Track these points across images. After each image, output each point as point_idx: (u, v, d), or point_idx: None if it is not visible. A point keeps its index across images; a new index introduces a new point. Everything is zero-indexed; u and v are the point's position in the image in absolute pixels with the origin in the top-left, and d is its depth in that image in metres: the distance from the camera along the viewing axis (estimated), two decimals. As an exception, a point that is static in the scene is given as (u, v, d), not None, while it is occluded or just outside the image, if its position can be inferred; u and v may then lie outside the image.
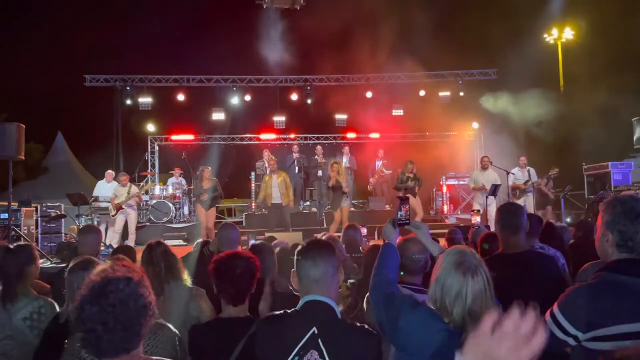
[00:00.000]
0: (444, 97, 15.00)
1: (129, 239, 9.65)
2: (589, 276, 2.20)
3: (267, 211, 10.76)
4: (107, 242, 9.05)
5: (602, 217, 1.98)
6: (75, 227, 9.78)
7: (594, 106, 14.07)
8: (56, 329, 2.52)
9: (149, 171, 14.39)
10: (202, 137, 15.63)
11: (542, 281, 2.65)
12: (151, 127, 15.56)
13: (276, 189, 9.94)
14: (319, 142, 15.49)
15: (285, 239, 4.76)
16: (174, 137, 15.61)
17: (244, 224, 11.85)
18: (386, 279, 2.08)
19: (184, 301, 2.90)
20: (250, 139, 16.10)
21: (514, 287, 2.55)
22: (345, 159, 13.16)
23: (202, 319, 2.82)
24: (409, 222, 2.40)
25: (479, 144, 15.57)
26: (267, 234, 6.73)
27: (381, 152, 13.44)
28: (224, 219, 14.18)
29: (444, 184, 13.77)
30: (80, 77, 14.73)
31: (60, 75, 19.31)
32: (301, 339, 1.85)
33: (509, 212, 2.90)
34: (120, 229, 9.61)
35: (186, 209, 12.69)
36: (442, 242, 4.50)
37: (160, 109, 14.97)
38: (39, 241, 9.26)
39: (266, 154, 13.06)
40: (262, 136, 15.77)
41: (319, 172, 12.32)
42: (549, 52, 18.52)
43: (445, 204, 13.60)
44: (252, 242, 4.55)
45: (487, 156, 10.61)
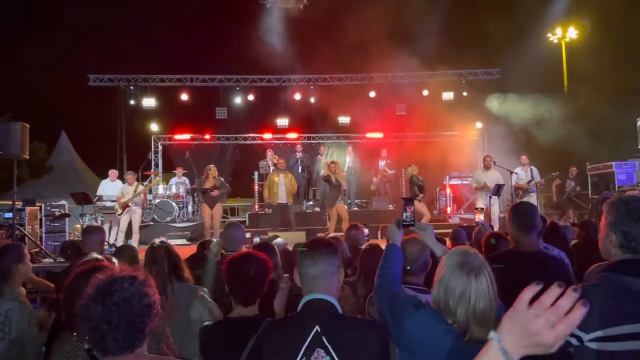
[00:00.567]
0: (448, 98, 14.98)
1: (133, 238, 9.63)
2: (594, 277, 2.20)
3: (270, 210, 10.77)
4: (110, 241, 9.08)
5: (606, 217, 1.97)
6: (79, 227, 9.81)
7: (598, 106, 14.04)
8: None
9: (152, 170, 14.41)
10: (206, 136, 15.66)
11: (552, 281, 2.65)
12: (155, 127, 15.62)
13: (283, 187, 9.96)
14: (322, 141, 15.50)
15: (287, 238, 4.77)
16: (177, 136, 15.65)
17: (247, 224, 11.86)
18: (390, 279, 2.08)
19: (187, 300, 2.91)
20: (253, 138, 16.12)
21: (524, 286, 2.57)
22: (348, 159, 13.16)
23: (206, 318, 2.82)
24: (414, 223, 2.40)
25: (482, 143, 15.54)
26: (271, 233, 6.75)
27: (384, 151, 13.43)
28: (227, 218, 14.20)
29: (447, 184, 13.74)
30: (84, 76, 14.80)
31: (64, 74, 19.42)
32: (305, 339, 1.85)
33: (523, 212, 2.88)
34: (124, 228, 9.59)
35: (190, 208, 12.71)
36: (448, 243, 4.48)
37: (163, 109, 15.02)
38: (43, 240, 9.27)
39: (269, 153, 13.07)
40: (266, 136, 15.79)
41: (322, 172, 12.32)
42: (553, 51, 18.49)
43: (448, 204, 13.58)
44: (256, 239, 4.59)
45: (489, 156, 10.59)
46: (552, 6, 16.81)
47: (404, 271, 2.45)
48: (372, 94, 15.21)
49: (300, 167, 12.72)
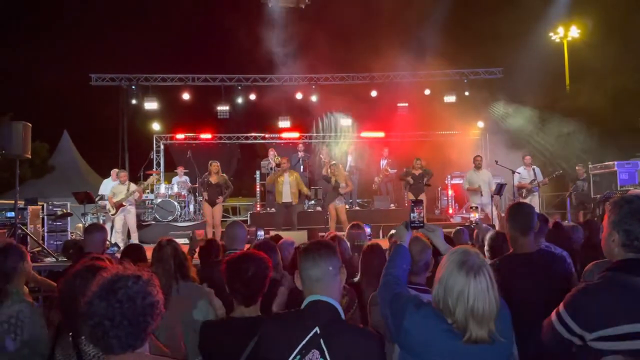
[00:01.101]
0: (449, 98, 14.94)
1: (132, 237, 9.59)
2: (593, 276, 2.20)
3: (274, 209, 10.76)
4: (112, 240, 9.09)
5: (609, 216, 1.97)
6: (81, 226, 9.82)
7: (600, 105, 14.02)
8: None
9: (154, 170, 14.43)
10: (207, 136, 15.67)
11: (552, 281, 2.64)
12: (156, 126, 15.65)
13: (287, 187, 9.93)
14: (324, 141, 15.50)
15: (289, 237, 4.77)
16: (179, 136, 15.67)
17: (249, 223, 11.86)
18: (395, 278, 2.08)
19: (192, 300, 2.90)
20: (255, 138, 16.12)
21: (524, 288, 2.57)
22: (350, 158, 13.16)
23: (211, 317, 2.82)
24: (422, 225, 2.37)
25: (484, 143, 15.52)
26: (273, 233, 6.75)
27: (386, 151, 13.43)
28: (229, 217, 14.21)
29: (449, 183, 13.72)
30: (86, 76, 14.80)
31: (66, 74, 19.46)
32: (303, 338, 1.85)
33: (520, 213, 2.88)
34: (120, 229, 9.48)
35: (191, 207, 12.72)
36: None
37: (165, 108, 15.05)
38: (45, 240, 9.29)
39: (271, 153, 13.07)
40: (267, 135, 15.78)
41: (323, 171, 12.32)
42: (555, 51, 18.47)
43: (450, 204, 13.57)
44: (260, 232, 4.64)
45: (480, 155, 10.60)
46: (554, 5, 16.78)
47: None
48: (373, 93, 15.20)
49: (302, 167, 12.73)
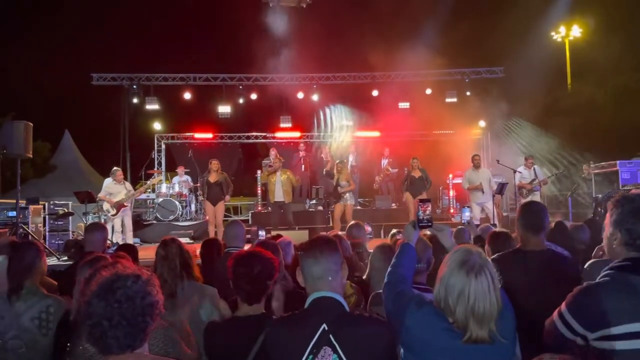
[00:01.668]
0: (451, 97, 14.91)
1: (127, 236, 9.52)
2: (593, 275, 2.19)
3: (270, 209, 10.76)
4: (113, 240, 9.08)
5: (610, 215, 1.97)
6: (82, 225, 9.82)
7: (602, 104, 13.99)
8: (65, 326, 2.53)
9: (155, 169, 14.44)
10: (209, 135, 15.67)
11: (559, 281, 2.64)
12: (158, 126, 15.66)
13: (279, 186, 9.91)
14: (325, 140, 15.49)
15: (286, 237, 4.77)
16: (180, 135, 15.67)
17: (250, 222, 11.86)
18: (400, 277, 2.08)
19: (196, 300, 2.89)
20: (256, 137, 16.11)
21: (531, 286, 2.56)
22: (351, 158, 13.15)
23: (215, 317, 2.80)
24: (431, 224, 2.35)
25: (485, 142, 15.51)
26: (272, 232, 6.75)
27: (387, 150, 13.42)
28: (230, 216, 14.22)
29: (450, 183, 13.71)
30: (87, 75, 14.80)
31: (67, 73, 19.46)
32: (312, 337, 1.85)
33: (533, 212, 2.87)
34: (119, 228, 9.46)
35: (192, 207, 12.72)
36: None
37: (166, 108, 15.04)
38: (47, 239, 9.30)
39: (273, 152, 13.06)
40: (269, 134, 15.78)
41: (327, 167, 12.31)
42: (557, 50, 18.43)
43: (451, 204, 13.55)
44: (262, 232, 4.68)
45: (478, 155, 10.61)
46: (555, 4, 16.75)
47: None
48: (374, 93, 15.18)
49: (303, 166, 12.73)
